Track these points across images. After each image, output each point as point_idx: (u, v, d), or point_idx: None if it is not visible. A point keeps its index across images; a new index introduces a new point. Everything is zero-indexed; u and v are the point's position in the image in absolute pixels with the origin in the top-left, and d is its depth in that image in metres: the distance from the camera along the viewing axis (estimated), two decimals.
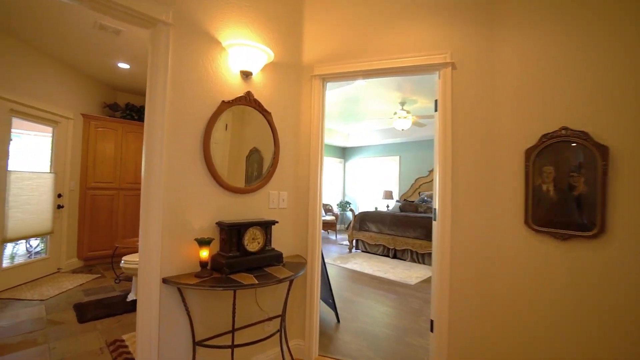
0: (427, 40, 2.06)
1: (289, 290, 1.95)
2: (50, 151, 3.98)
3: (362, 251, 6.13)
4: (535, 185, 1.82)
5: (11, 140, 3.40)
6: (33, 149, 3.94)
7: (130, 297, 3.15)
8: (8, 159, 3.36)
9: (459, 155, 2.00)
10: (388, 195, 7.56)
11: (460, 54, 2.00)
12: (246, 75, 2.01)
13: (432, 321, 2.08)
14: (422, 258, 5.15)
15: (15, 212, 3.44)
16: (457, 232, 1.99)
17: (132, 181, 4.77)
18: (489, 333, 1.93)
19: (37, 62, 3.65)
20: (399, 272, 4.70)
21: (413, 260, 5.30)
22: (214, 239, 1.74)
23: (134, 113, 4.90)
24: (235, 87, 1.97)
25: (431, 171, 7.34)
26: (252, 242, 1.85)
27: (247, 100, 2.00)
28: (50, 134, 3.98)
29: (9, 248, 3.80)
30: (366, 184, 8.92)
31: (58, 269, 4.06)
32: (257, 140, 2.09)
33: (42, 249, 4.22)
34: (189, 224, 1.75)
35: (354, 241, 6.29)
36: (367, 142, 8.51)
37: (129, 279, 3.90)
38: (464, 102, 2.01)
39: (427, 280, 4.25)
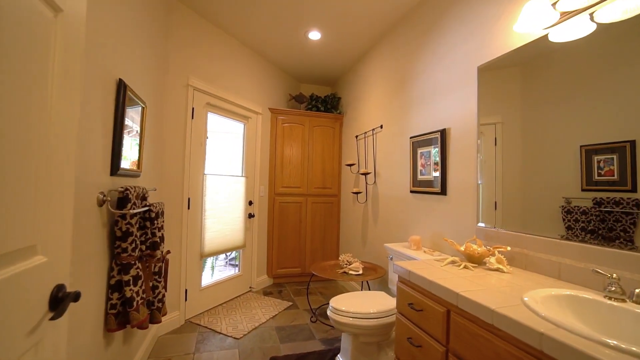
0: None
1: None
2: (241, 152, 3.50)
3: None
4: None
5: (207, 138, 2.95)
6: (226, 154, 3.54)
7: None
8: (205, 160, 2.91)
9: None
10: None
11: None
12: None
13: None
14: None
15: (212, 223, 2.96)
16: None
17: (319, 185, 3.91)
18: None
19: (233, 50, 3.15)
20: None
21: None
22: None
23: (319, 104, 4.08)
24: None
25: None
26: None
27: None
28: (242, 137, 3.49)
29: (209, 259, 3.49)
30: None
31: (250, 287, 3.52)
32: None
33: (235, 255, 3.84)
34: None
35: None
36: None
37: (325, 314, 2.92)
38: None
39: None
